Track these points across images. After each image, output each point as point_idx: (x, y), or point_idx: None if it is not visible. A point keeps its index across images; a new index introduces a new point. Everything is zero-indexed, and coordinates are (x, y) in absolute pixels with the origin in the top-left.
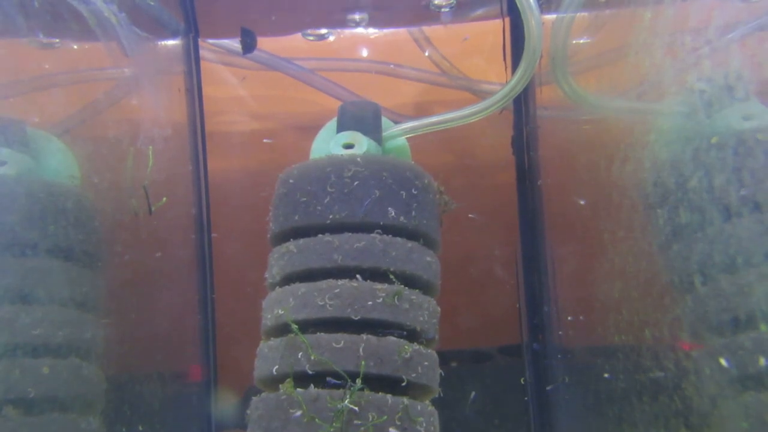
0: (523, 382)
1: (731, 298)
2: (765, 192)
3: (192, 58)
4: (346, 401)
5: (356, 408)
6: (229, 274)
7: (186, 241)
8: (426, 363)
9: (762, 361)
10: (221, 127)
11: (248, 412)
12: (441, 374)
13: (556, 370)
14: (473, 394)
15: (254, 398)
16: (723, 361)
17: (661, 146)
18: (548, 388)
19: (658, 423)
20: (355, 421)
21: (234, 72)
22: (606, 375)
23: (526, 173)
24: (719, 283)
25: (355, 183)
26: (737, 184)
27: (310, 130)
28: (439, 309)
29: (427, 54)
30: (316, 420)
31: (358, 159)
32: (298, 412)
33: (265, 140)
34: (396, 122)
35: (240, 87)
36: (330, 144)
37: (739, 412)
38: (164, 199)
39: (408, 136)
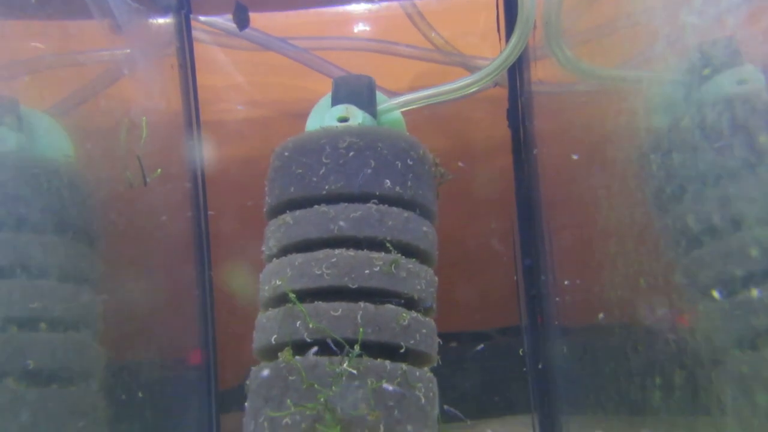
0: (521, 353)
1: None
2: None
3: (184, 34)
4: (345, 365)
5: (355, 371)
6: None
7: (182, 217)
8: (424, 330)
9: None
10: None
11: (247, 382)
12: (439, 342)
13: (554, 341)
14: (481, 345)
15: (253, 368)
16: (715, 293)
17: (655, 110)
18: (539, 366)
19: (653, 369)
20: (354, 385)
21: (227, 53)
22: (600, 316)
23: (521, 145)
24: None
25: (351, 154)
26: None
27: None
28: (436, 279)
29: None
30: (315, 386)
31: (353, 130)
32: (297, 379)
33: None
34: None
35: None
36: (324, 118)
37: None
38: (159, 170)
39: (403, 109)
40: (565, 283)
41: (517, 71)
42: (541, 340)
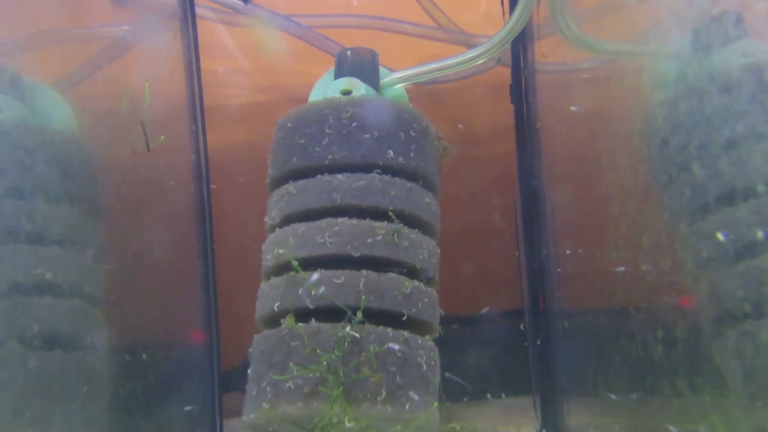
0: (522, 329)
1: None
2: None
3: (187, 4)
4: (347, 329)
5: (357, 335)
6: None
7: (185, 190)
8: (426, 300)
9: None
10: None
11: (250, 350)
12: (441, 313)
13: (555, 315)
14: (486, 308)
15: (256, 336)
16: (720, 236)
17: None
18: (538, 342)
19: (656, 327)
20: (357, 350)
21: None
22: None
23: (524, 120)
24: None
25: (354, 124)
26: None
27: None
28: (438, 251)
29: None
30: (318, 351)
31: (356, 101)
32: (300, 345)
33: None
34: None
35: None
36: (327, 91)
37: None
38: (162, 137)
39: (406, 84)
40: (567, 252)
41: (520, 47)
42: (542, 314)
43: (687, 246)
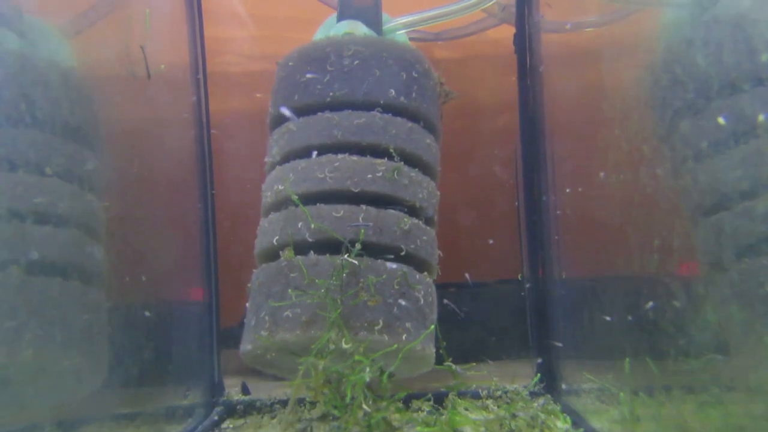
0: (520, 278)
1: None
2: None
3: None
4: (346, 256)
5: (356, 262)
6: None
7: (187, 133)
8: (425, 238)
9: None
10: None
11: (249, 285)
12: (440, 254)
13: (553, 261)
14: (491, 241)
15: (255, 270)
16: (721, 120)
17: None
18: (527, 286)
19: (652, 259)
20: (354, 279)
21: None
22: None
23: (527, 69)
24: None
25: (356, 62)
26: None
27: None
28: (438, 193)
29: None
30: (316, 281)
31: (359, 39)
32: (299, 276)
33: None
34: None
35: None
36: (329, 33)
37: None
38: (162, 66)
39: (409, 29)
40: (567, 191)
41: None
42: (539, 265)
43: (687, 141)
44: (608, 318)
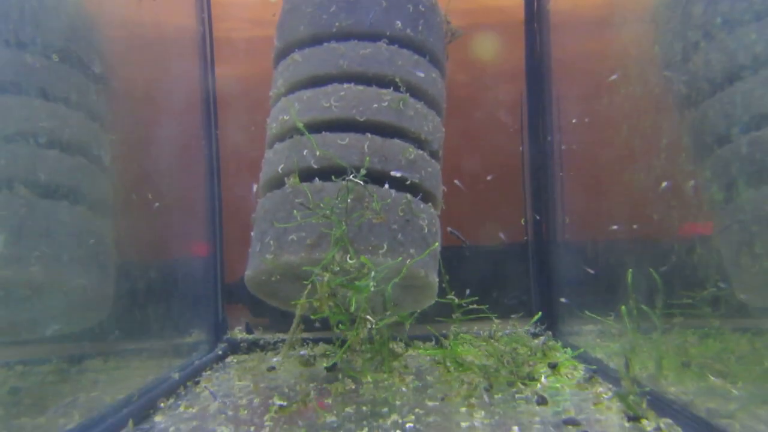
0: (523, 223)
1: None
2: None
3: None
4: (351, 176)
5: (361, 183)
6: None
7: (191, 71)
8: (429, 169)
9: None
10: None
11: (253, 215)
12: (444, 190)
13: (557, 208)
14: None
15: (260, 199)
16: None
17: None
18: (525, 238)
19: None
20: (359, 205)
21: None
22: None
23: (534, 13)
24: None
25: None
26: None
27: None
28: (443, 129)
29: None
30: (321, 205)
31: None
32: (304, 201)
33: None
34: None
35: None
36: None
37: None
38: None
39: None
40: (573, 120)
41: None
42: (543, 210)
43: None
44: (612, 261)
